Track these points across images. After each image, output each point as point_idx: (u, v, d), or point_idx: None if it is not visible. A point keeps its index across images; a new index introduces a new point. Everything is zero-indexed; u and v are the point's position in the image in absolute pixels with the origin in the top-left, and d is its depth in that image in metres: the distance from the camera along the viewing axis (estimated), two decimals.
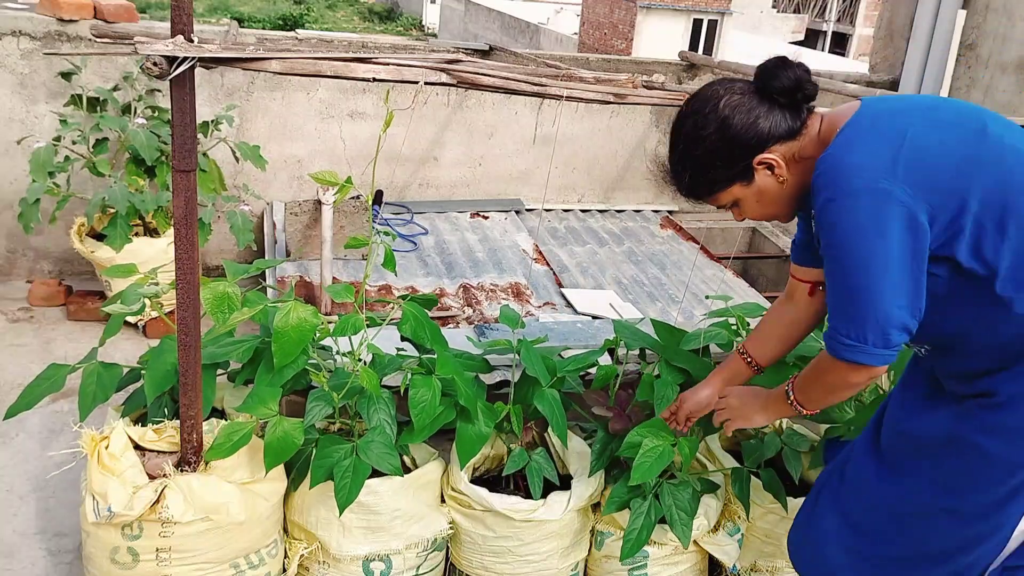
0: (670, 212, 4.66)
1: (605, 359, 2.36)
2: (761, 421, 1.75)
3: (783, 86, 1.46)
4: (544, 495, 2.02)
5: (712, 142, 1.48)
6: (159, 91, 3.55)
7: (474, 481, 2.05)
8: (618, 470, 2.10)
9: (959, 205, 1.31)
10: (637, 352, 2.33)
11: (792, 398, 1.62)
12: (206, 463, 1.85)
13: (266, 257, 3.59)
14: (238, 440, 1.80)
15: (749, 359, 1.83)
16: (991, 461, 1.39)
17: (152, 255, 3.18)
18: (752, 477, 2.13)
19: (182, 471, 1.83)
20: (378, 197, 4.08)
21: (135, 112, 3.33)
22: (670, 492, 1.99)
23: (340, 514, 1.81)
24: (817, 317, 1.75)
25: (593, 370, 2.29)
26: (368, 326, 1.91)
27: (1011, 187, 1.32)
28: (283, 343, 1.80)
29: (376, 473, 1.92)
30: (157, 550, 1.76)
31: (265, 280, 3.21)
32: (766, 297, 3.49)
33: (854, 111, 1.44)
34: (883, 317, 1.34)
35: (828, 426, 2.14)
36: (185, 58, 1.49)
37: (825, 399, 1.57)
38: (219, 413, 2.20)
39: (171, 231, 1.73)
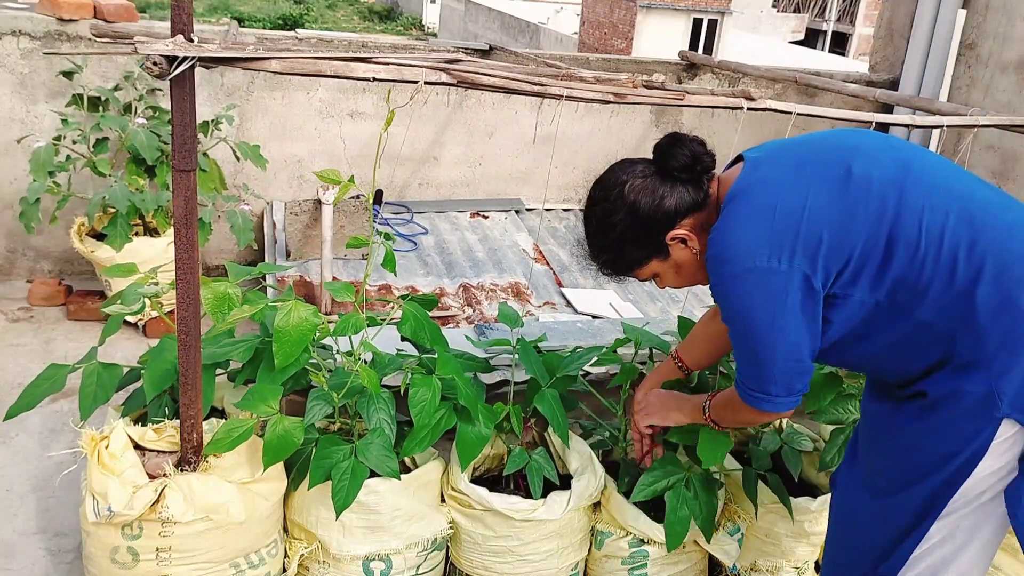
0: None
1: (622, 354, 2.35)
2: (674, 421, 1.90)
3: (681, 164, 1.54)
4: (544, 495, 2.02)
5: (623, 227, 1.57)
6: (160, 91, 3.55)
7: (474, 481, 2.05)
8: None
9: (847, 253, 1.40)
10: (647, 352, 2.33)
11: (707, 414, 1.79)
12: (204, 457, 1.85)
13: (266, 256, 3.59)
14: (238, 436, 1.80)
15: (680, 363, 1.99)
16: (924, 452, 1.45)
17: (152, 255, 3.18)
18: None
19: (182, 471, 1.83)
20: (378, 197, 4.08)
21: (135, 112, 3.33)
22: (699, 487, 1.99)
23: (337, 517, 1.81)
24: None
25: (593, 370, 2.30)
26: (368, 326, 1.91)
27: (885, 217, 1.40)
28: (284, 343, 1.79)
29: (376, 473, 1.92)
30: (157, 550, 1.76)
31: (265, 280, 3.21)
32: None
33: (736, 176, 1.52)
34: (782, 374, 1.46)
35: (834, 427, 2.14)
36: (185, 58, 1.49)
37: (734, 425, 1.77)
38: (219, 413, 2.20)
39: (171, 231, 1.73)
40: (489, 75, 1.75)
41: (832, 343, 1.49)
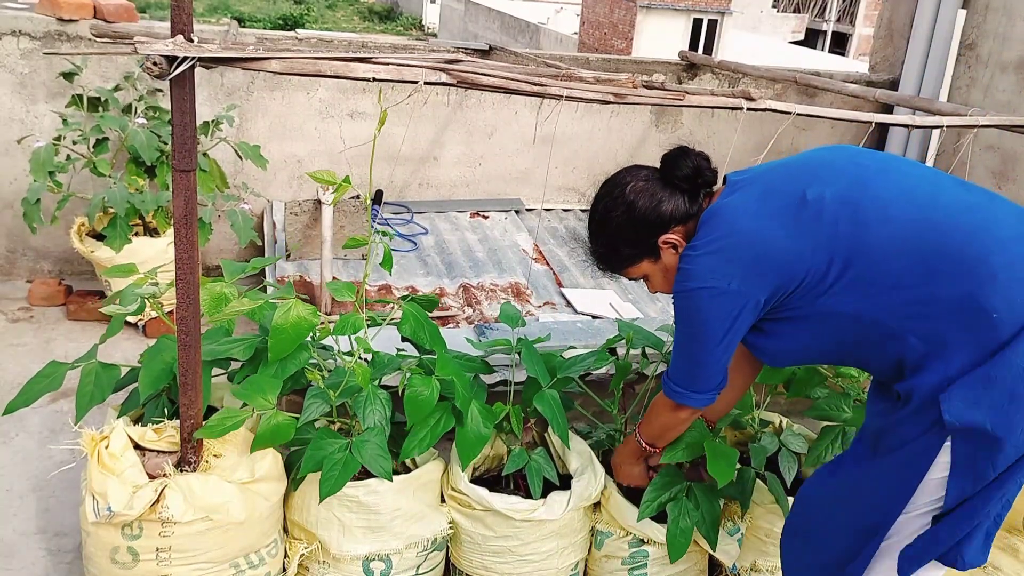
0: None
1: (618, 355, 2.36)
2: (639, 471, 2.05)
3: (684, 174, 1.67)
4: (544, 495, 2.02)
5: (619, 223, 1.70)
6: (160, 91, 3.55)
7: (474, 481, 2.05)
8: None
9: (800, 274, 1.51)
10: (639, 351, 2.34)
11: (643, 444, 1.94)
12: (198, 440, 1.85)
13: (266, 257, 3.59)
14: (230, 425, 1.81)
15: (640, 439, 1.98)
16: (892, 437, 1.53)
17: (152, 255, 3.18)
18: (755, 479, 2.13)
19: (182, 471, 1.83)
20: (378, 197, 4.08)
21: (135, 112, 3.33)
22: (701, 497, 2.01)
23: (320, 502, 1.82)
24: (754, 372, 1.98)
25: (593, 371, 2.30)
26: (368, 326, 1.91)
27: (839, 236, 1.49)
28: (280, 339, 1.82)
29: (370, 470, 1.92)
30: (157, 550, 1.76)
31: (265, 278, 3.21)
32: None
33: (718, 196, 1.66)
34: (707, 376, 1.66)
35: (825, 424, 2.15)
36: (185, 58, 1.49)
37: (661, 433, 1.90)
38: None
39: (171, 231, 1.73)
40: (489, 75, 1.75)
41: (808, 349, 1.62)
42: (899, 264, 1.46)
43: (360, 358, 1.91)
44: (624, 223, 1.69)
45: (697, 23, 18.16)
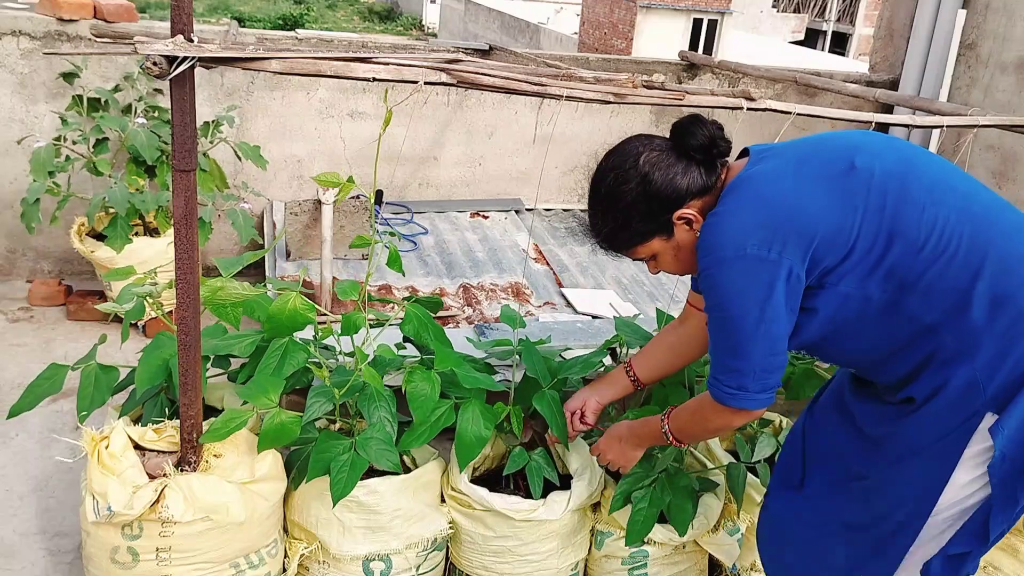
0: None
1: (608, 361, 2.36)
2: (638, 457, 1.92)
3: (698, 143, 1.52)
4: (544, 495, 2.02)
5: (633, 197, 1.54)
6: (160, 91, 3.55)
7: (474, 481, 2.05)
8: None
9: (843, 245, 1.40)
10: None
11: (670, 436, 1.76)
12: (200, 443, 1.85)
13: (266, 256, 3.59)
14: (234, 427, 1.80)
15: (633, 376, 1.97)
16: (911, 448, 1.47)
17: (152, 255, 3.18)
18: (749, 474, 2.13)
19: (182, 471, 1.83)
20: (378, 197, 4.08)
21: (135, 112, 3.33)
22: (668, 485, 2.00)
23: (334, 506, 1.81)
24: (706, 344, 1.78)
25: (594, 371, 2.29)
26: (371, 326, 1.91)
27: (886, 210, 1.40)
28: (274, 324, 1.83)
29: (376, 473, 1.92)
30: (157, 550, 1.76)
31: (267, 275, 3.22)
32: None
33: (742, 167, 1.53)
34: (759, 368, 1.46)
35: None
36: (185, 58, 1.49)
37: (702, 436, 1.76)
38: (218, 413, 2.19)
39: (171, 231, 1.73)
40: (489, 75, 1.75)
41: (823, 336, 1.48)
42: (945, 251, 1.38)
43: (365, 356, 1.91)
44: (638, 198, 1.54)
45: (697, 23, 18.15)
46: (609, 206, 1.59)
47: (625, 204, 1.56)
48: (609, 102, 1.90)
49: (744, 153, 1.58)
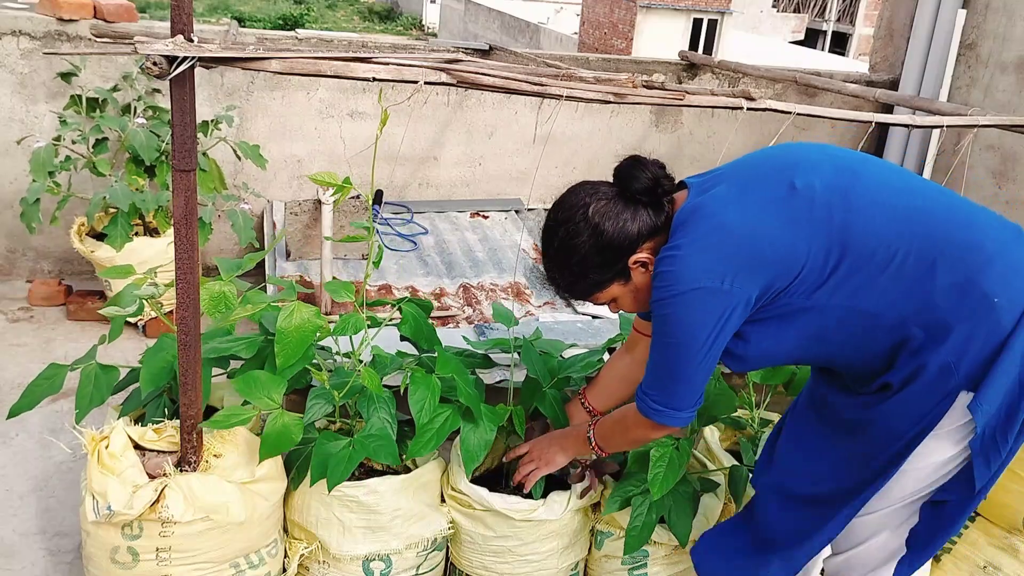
0: None
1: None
2: (562, 461, 1.95)
3: (643, 186, 1.55)
4: (544, 495, 2.02)
5: (587, 249, 1.56)
6: (159, 91, 3.55)
7: (474, 481, 2.05)
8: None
9: (794, 266, 1.44)
10: None
11: (593, 442, 1.86)
12: (198, 439, 1.84)
13: (266, 257, 3.59)
14: (236, 421, 1.80)
15: (589, 407, 1.99)
16: (891, 432, 1.52)
17: (152, 255, 3.18)
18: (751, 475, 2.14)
19: (182, 471, 1.83)
20: (378, 197, 4.08)
21: (135, 112, 3.33)
22: (669, 491, 1.99)
23: (329, 491, 1.80)
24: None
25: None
26: (368, 326, 1.91)
27: (833, 223, 1.44)
28: (286, 344, 1.79)
29: (376, 473, 1.92)
30: (157, 550, 1.76)
31: (267, 274, 3.22)
32: None
33: (684, 199, 1.57)
34: (690, 391, 1.55)
35: None
36: (185, 58, 1.49)
37: (623, 446, 1.85)
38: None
39: (171, 231, 1.73)
40: (489, 75, 1.75)
41: (787, 351, 1.55)
42: (899, 252, 1.43)
43: (360, 360, 1.91)
44: (591, 250, 1.56)
45: (697, 23, 18.14)
46: (564, 260, 1.61)
47: (579, 257, 1.58)
48: (609, 102, 1.90)
49: (682, 185, 1.61)
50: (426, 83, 1.67)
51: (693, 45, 17.77)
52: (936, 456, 1.50)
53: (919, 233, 1.44)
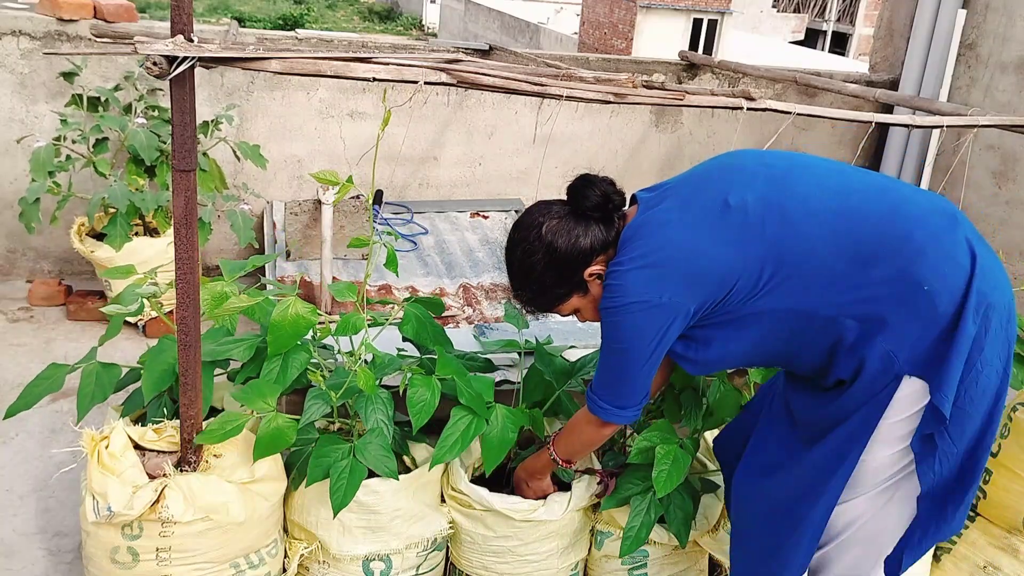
0: None
1: None
2: (544, 484, 2.02)
3: (593, 203, 1.64)
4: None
5: (543, 266, 1.67)
6: (160, 91, 3.55)
7: (474, 481, 2.05)
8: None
9: (731, 279, 1.52)
10: None
11: (558, 460, 1.92)
12: (197, 443, 1.85)
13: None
14: (231, 429, 1.80)
15: (554, 454, 1.95)
16: (847, 423, 1.56)
17: (152, 255, 3.18)
18: None
19: (182, 471, 1.83)
20: (378, 197, 4.08)
21: (135, 112, 3.33)
22: (675, 490, 1.99)
23: (335, 516, 1.81)
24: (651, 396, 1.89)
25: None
26: (369, 326, 1.91)
27: (766, 235, 1.51)
28: (277, 335, 1.81)
29: (376, 473, 1.92)
30: (157, 550, 1.76)
31: (264, 275, 3.21)
32: None
33: (634, 214, 1.66)
34: (634, 392, 1.66)
35: None
36: (185, 58, 1.49)
37: (580, 450, 1.91)
38: (219, 413, 2.19)
39: (171, 231, 1.73)
40: (489, 75, 1.75)
41: (742, 352, 1.61)
42: (830, 256, 1.49)
43: (361, 359, 1.91)
44: (547, 266, 1.67)
45: (697, 23, 18.14)
46: (524, 277, 1.72)
47: (537, 274, 1.69)
48: (609, 102, 1.90)
49: (633, 199, 1.70)
50: (426, 83, 1.67)
51: (693, 45, 17.77)
52: (892, 445, 1.54)
53: (853, 232, 1.50)
